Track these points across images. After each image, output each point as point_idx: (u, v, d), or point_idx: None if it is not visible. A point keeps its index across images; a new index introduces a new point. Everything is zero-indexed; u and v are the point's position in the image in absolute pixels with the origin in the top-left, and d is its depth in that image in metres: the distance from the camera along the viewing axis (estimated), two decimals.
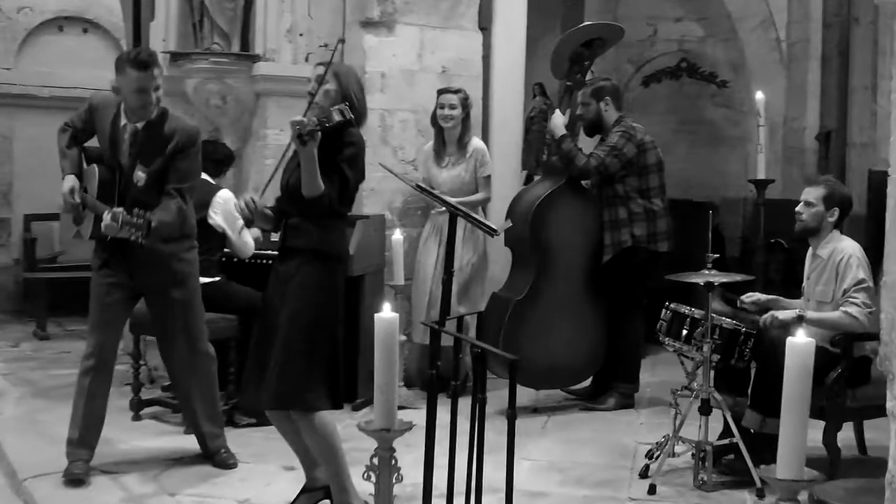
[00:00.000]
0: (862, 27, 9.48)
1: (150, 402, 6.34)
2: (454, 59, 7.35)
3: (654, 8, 10.44)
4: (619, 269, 6.66)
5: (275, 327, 4.35)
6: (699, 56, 10.53)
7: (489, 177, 6.87)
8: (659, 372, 7.63)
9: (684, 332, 5.33)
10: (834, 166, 9.77)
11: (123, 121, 4.96)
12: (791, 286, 7.46)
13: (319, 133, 4.05)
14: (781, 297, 5.60)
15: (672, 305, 5.48)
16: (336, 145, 4.25)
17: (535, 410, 6.59)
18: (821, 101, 9.98)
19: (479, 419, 3.59)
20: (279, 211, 4.49)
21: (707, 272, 5.17)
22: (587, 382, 6.97)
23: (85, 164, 5.08)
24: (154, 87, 4.86)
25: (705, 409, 5.12)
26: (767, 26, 10.21)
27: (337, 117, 4.22)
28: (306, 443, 4.45)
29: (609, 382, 6.84)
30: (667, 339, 5.45)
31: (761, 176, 6.72)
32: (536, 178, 7.18)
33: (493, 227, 3.82)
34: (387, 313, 2.96)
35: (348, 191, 4.36)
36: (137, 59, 4.81)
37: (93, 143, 5.16)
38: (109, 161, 4.97)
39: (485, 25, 7.63)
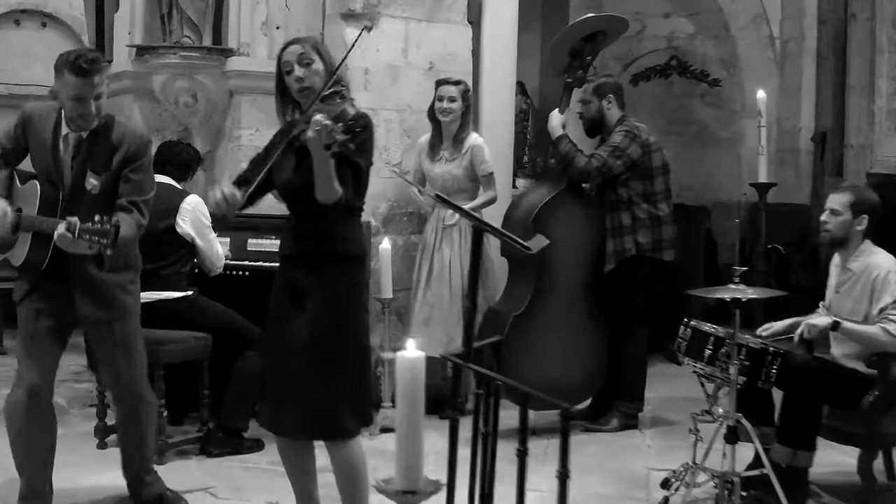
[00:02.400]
0: (859, 24, 9.26)
1: (116, 428, 5.76)
2: (441, 53, 6.89)
3: (642, 3, 10.00)
4: (621, 280, 6.23)
5: (293, 343, 3.80)
6: (689, 53, 10.12)
7: (492, 174, 6.41)
8: (658, 387, 7.17)
9: (707, 351, 4.86)
10: (830, 169, 9.53)
11: (65, 129, 4.35)
12: (795, 294, 7.19)
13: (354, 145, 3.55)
14: (798, 318, 5.17)
15: (693, 322, 5.02)
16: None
17: (533, 433, 6.09)
18: (816, 101, 9.75)
19: (489, 458, 3.12)
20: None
21: (734, 287, 4.70)
22: (586, 402, 6.50)
23: (18, 184, 4.49)
24: (95, 95, 4.20)
25: (732, 438, 4.64)
26: (760, 23, 9.88)
27: (350, 110, 3.76)
28: (334, 473, 3.94)
29: (610, 402, 6.39)
30: (686, 358, 4.98)
31: (763, 179, 6.40)
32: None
33: (528, 244, 3.34)
34: (411, 352, 2.44)
35: (362, 181, 3.85)
36: (76, 64, 4.11)
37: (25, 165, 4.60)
38: (50, 174, 4.37)
39: (473, 19, 7.18)
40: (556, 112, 6.17)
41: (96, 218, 4.00)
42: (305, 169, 3.67)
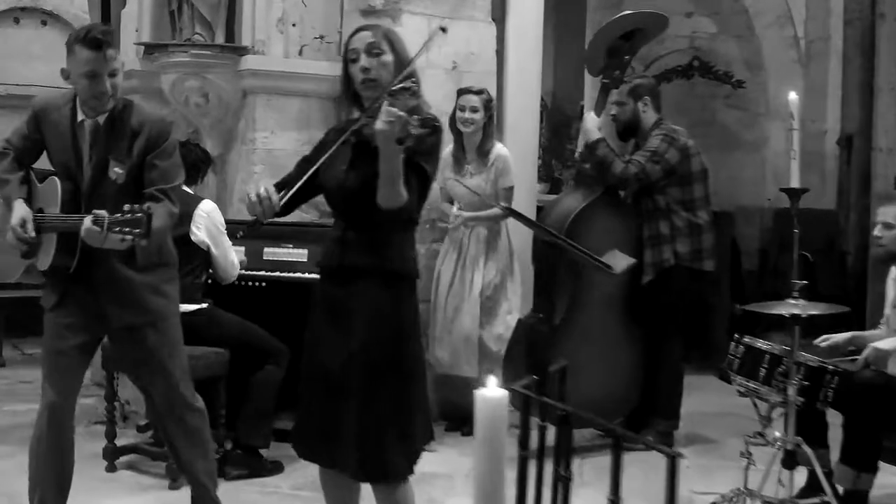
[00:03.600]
0: (887, 23, 9.05)
1: (127, 450, 5.46)
2: (464, 53, 6.58)
3: (664, 2, 9.63)
4: (659, 292, 5.91)
5: (336, 373, 3.42)
6: (712, 54, 9.80)
7: (511, 188, 6.06)
8: (687, 401, 6.83)
9: (762, 370, 4.55)
10: (857, 173, 9.29)
11: (80, 116, 4.02)
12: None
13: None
14: (857, 332, 4.88)
15: (746, 339, 4.71)
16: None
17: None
18: (842, 103, 9.50)
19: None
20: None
21: (793, 301, 4.38)
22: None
23: (37, 183, 4.16)
24: (109, 71, 3.89)
25: (790, 463, 4.35)
26: (784, 22, 9.61)
27: (424, 107, 3.37)
28: None
29: (645, 418, 6.08)
30: (739, 377, 4.67)
31: (795, 184, 6.05)
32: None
33: (611, 265, 3.01)
34: (492, 390, 2.09)
35: (427, 190, 3.46)
36: (88, 38, 3.84)
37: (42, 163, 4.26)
38: (70, 168, 4.04)
39: (496, 16, 6.87)
40: (591, 114, 5.88)
41: (125, 208, 3.67)
42: (362, 169, 3.30)
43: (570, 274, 5.70)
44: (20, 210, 3.99)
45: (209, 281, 5.48)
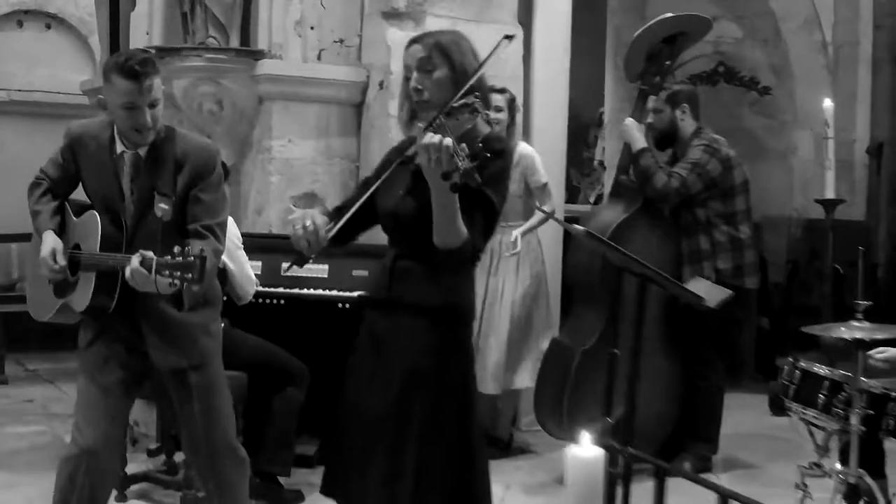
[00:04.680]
0: None
1: (138, 478, 5.14)
2: (490, 57, 6.23)
3: (687, 5, 9.30)
4: (698, 310, 5.58)
5: (380, 420, 3.10)
6: (737, 59, 9.48)
7: (546, 185, 5.82)
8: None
9: (821, 397, 4.24)
10: (887, 182, 9.12)
11: (120, 147, 3.73)
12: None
13: (478, 176, 2.79)
14: None
15: (802, 364, 4.40)
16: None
17: None
18: (871, 110, 9.25)
19: None
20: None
21: (857, 324, 4.08)
22: None
23: (73, 217, 3.86)
24: (150, 102, 3.60)
25: (852, 496, 4.05)
26: (812, 27, 9.26)
27: (484, 128, 3.02)
28: None
29: (682, 442, 5.78)
30: (795, 404, 4.37)
31: (830, 195, 5.94)
32: None
33: (701, 295, 2.71)
34: (586, 448, 1.79)
35: (494, 223, 3.12)
36: (126, 66, 3.54)
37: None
38: (110, 202, 3.74)
39: (522, 19, 6.59)
40: (632, 121, 5.60)
41: (176, 250, 3.34)
42: (419, 195, 2.98)
43: (606, 291, 5.41)
44: (50, 241, 3.71)
45: (224, 299, 5.17)
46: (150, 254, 3.39)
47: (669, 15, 5.61)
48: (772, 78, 9.43)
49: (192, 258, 3.32)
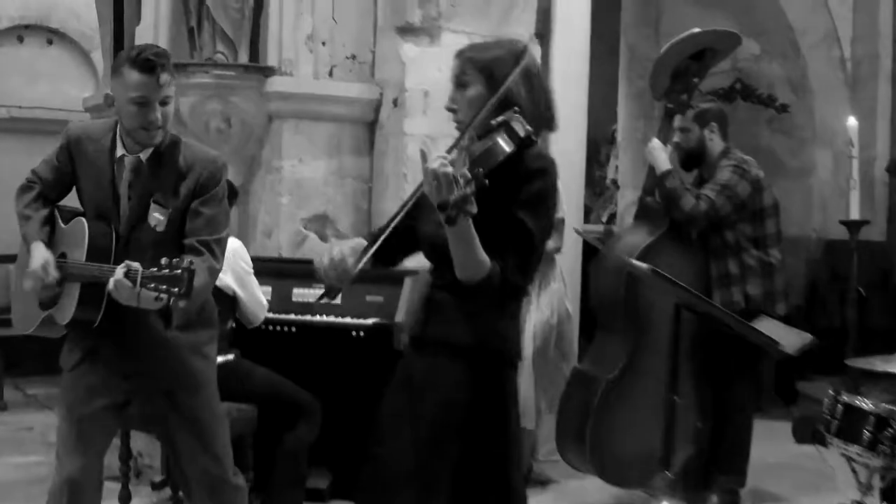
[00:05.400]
0: None
1: None
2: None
3: (703, 21, 9.07)
4: (728, 338, 5.35)
5: (407, 469, 2.85)
6: (755, 76, 9.29)
7: (562, 220, 5.57)
8: None
9: (866, 434, 4.01)
10: None
11: (120, 151, 3.54)
12: (873, 341, 6.48)
13: (473, 205, 2.54)
14: None
15: (844, 397, 4.17)
16: (507, 181, 2.75)
17: None
18: (892, 127, 9.09)
19: None
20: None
21: None
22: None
23: (62, 224, 3.66)
24: (162, 99, 3.44)
25: None
26: (830, 42, 9.09)
27: (505, 147, 2.74)
28: None
29: (709, 476, 5.54)
30: (837, 440, 4.14)
31: (855, 216, 5.83)
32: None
33: (777, 340, 2.49)
34: None
35: (534, 253, 2.83)
36: (139, 58, 3.38)
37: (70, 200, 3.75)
38: (103, 209, 3.55)
39: (542, 33, 6.43)
40: (657, 142, 5.37)
41: (163, 262, 3.14)
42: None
43: (632, 317, 5.19)
44: (40, 253, 3.50)
45: (233, 326, 4.95)
46: (137, 265, 3.19)
47: (697, 30, 5.40)
48: (790, 94, 9.26)
49: (180, 270, 3.12)
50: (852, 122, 5.97)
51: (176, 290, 3.11)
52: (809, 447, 6.71)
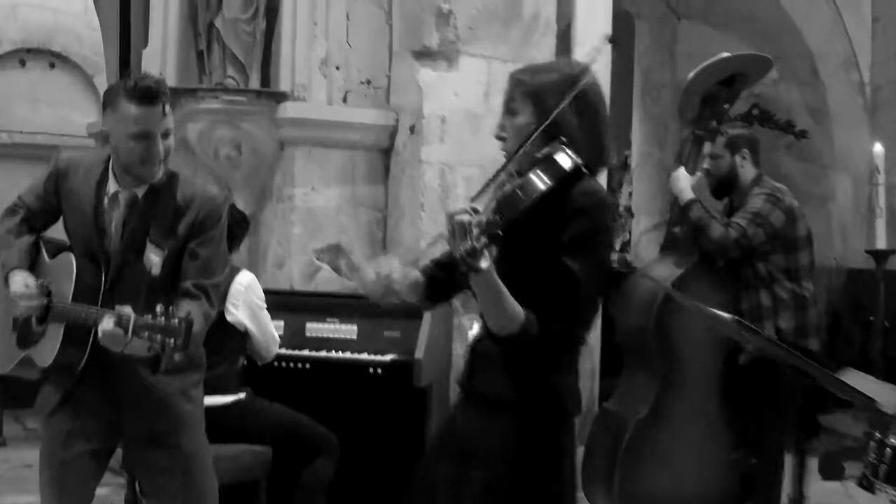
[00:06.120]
0: None
1: None
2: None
3: (719, 45, 8.90)
4: (760, 374, 5.16)
5: None
6: (773, 101, 9.13)
7: None
8: None
9: None
10: None
11: (114, 187, 3.30)
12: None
13: (494, 247, 2.35)
14: None
15: (891, 440, 3.94)
16: (550, 221, 2.55)
17: None
18: None
19: None
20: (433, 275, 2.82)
21: None
22: None
23: (46, 257, 3.43)
24: (163, 131, 3.20)
25: None
26: (849, 67, 8.94)
27: (540, 184, 2.51)
28: None
29: None
30: (888, 487, 3.91)
31: (881, 245, 5.70)
32: None
33: (873, 397, 2.30)
34: None
35: (581, 300, 2.57)
36: (138, 88, 3.14)
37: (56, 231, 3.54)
38: (90, 246, 3.31)
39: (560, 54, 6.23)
40: (682, 171, 5.16)
41: (158, 309, 2.92)
42: (508, 260, 2.50)
43: (662, 353, 4.98)
44: (20, 277, 3.28)
45: (245, 363, 4.74)
46: (128, 311, 2.98)
47: (726, 55, 5.21)
48: (808, 119, 9.13)
49: (177, 321, 2.91)
50: (878, 148, 5.83)
51: (171, 341, 2.91)
52: (835, 484, 6.51)
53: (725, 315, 2.85)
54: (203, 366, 3.56)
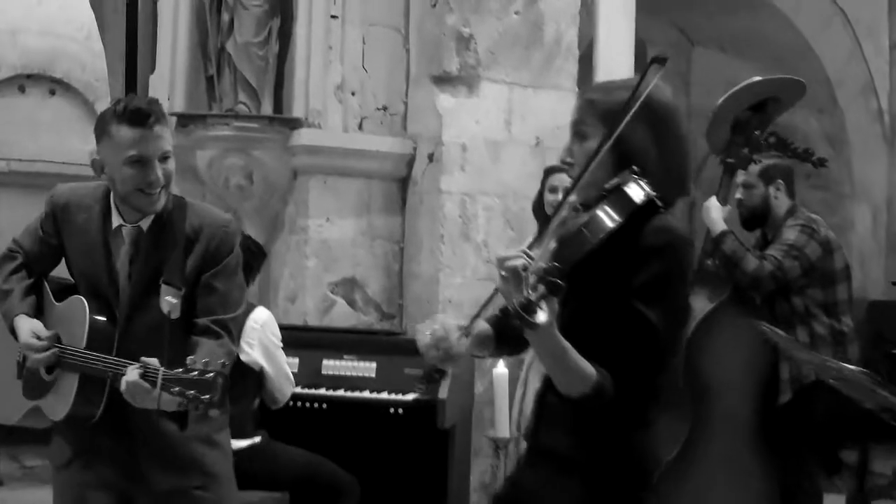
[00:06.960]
0: None
1: None
2: (549, 126, 5.72)
3: (735, 71, 8.80)
4: (799, 415, 4.98)
5: None
6: (790, 129, 8.94)
7: None
8: None
9: None
10: None
11: (117, 220, 3.07)
12: None
13: (538, 313, 2.06)
14: None
15: None
16: (621, 261, 2.30)
17: None
18: None
19: None
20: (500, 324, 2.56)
21: None
22: None
23: (54, 301, 3.17)
24: (161, 154, 2.97)
25: None
26: (868, 93, 8.81)
27: (608, 221, 2.26)
28: None
29: None
30: None
31: None
32: None
33: None
34: None
35: (658, 350, 2.31)
36: (129, 111, 2.92)
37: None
38: (99, 287, 3.07)
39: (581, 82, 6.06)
40: (714, 201, 4.97)
41: (188, 361, 2.70)
42: (571, 302, 2.26)
43: (692, 390, 4.79)
44: (26, 324, 3.04)
45: (260, 404, 4.52)
46: (155, 363, 2.75)
47: (757, 79, 5.04)
48: (826, 147, 9.00)
49: (212, 375, 2.69)
50: None
51: (207, 397, 2.68)
52: None
53: (852, 367, 2.59)
54: (227, 406, 3.33)
